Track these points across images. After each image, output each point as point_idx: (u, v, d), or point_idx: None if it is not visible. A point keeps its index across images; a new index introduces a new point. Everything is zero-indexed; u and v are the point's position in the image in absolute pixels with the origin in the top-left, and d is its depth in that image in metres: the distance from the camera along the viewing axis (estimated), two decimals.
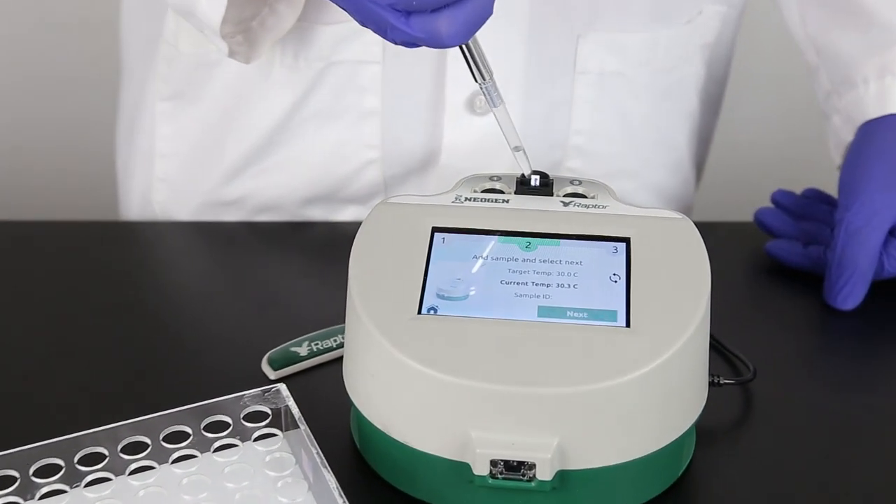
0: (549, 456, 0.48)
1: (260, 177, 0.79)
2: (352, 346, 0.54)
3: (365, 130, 0.77)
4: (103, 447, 0.53)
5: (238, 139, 0.79)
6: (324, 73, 0.75)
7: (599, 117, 0.78)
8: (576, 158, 0.79)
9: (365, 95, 0.76)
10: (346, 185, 0.79)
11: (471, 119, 0.76)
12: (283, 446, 0.55)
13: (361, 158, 0.78)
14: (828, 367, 0.65)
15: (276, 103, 0.77)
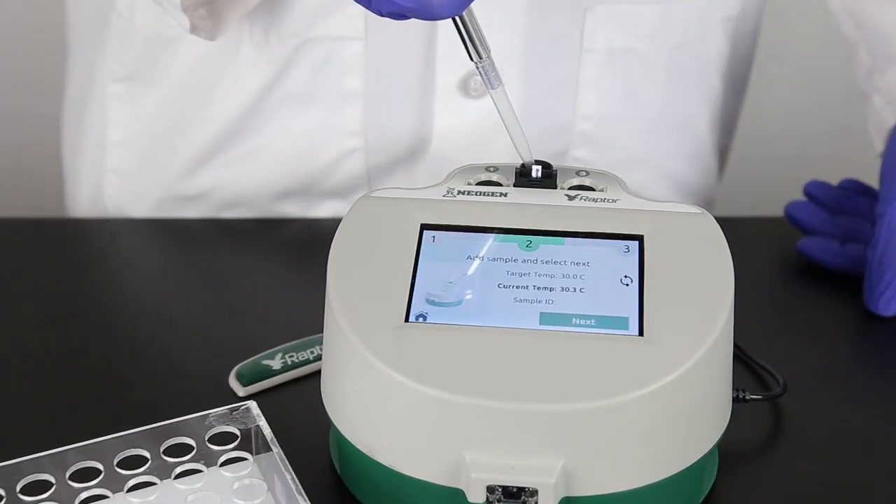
0: (552, 481, 0.49)
1: (226, 168, 0.80)
2: (331, 359, 0.55)
3: (346, 115, 0.77)
4: (49, 474, 0.53)
5: (201, 126, 0.79)
6: (299, 50, 0.76)
7: (608, 100, 0.79)
8: (582, 146, 0.80)
9: (345, 76, 0.76)
10: (325, 178, 0.80)
11: (464, 103, 0.76)
12: (254, 471, 0.56)
13: (341, 147, 0.78)
14: (867, 381, 0.66)
15: (244, 85, 0.77)
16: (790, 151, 1.18)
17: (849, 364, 0.67)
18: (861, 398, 0.64)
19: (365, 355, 0.51)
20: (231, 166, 0.80)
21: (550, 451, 0.49)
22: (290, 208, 0.81)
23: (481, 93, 0.76)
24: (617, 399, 0.49)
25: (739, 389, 0.59)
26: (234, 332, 0.67)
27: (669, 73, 0.80)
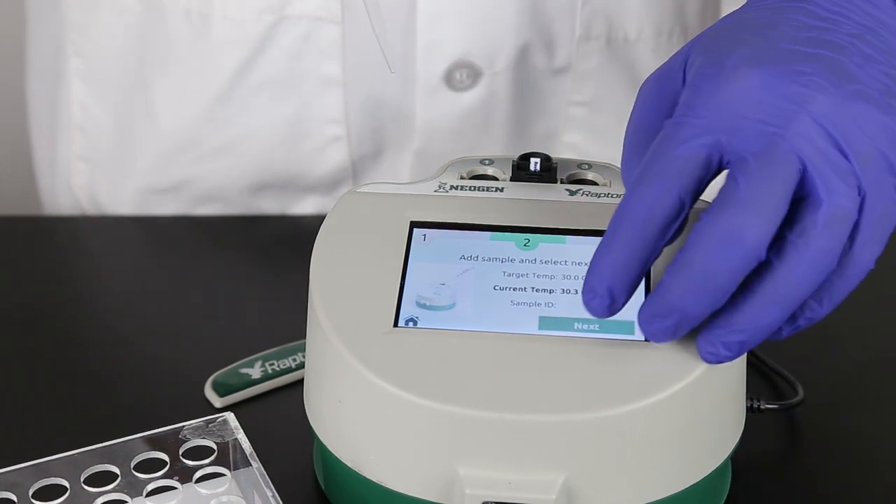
0: (553, 497, 0.49)
1: (201, 159, 0.80)
2: (314, 367, 0.54)
3: (326, 102, 0.78)
4: (10, 492, 0.53)
5: (172, 111, 0.79)
6: (275, 28, 0.76)
7: (605, 90, 0.79)
8: (575, 132, 0.80)
9: (324, 61, 0.76)
10: (306, 170, 0.80)
11: (450, 96, 0.76)
12: (232, 488, 0.56)
13: (324, 135, 0.79)
14: (890, 388, 0.66)
15: (217, 67, 0.77)
16: None
17: (871, 371, 0.67)
18: (884, 407, 0.64)
19: (351, 363, 0.51)
20: (206, 157, 0.80)
21: (550, 465, 0.49)
22: (269, 204, 0.81)
23: (467, 85, 0.76)
24: (622, 409, 0.49)
25: (754, 398, 0.59)
26: (210, 338, 0.67)
27: (659, 60, 0.80)
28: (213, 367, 0.64)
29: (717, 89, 0.49)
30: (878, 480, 0.58)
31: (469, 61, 0.76)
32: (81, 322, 0.69)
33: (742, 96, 0.48)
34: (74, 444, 0.54)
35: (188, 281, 0.73)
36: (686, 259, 0.47)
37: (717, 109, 0.48)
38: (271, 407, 0.62)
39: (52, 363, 0.65)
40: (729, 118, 0.48)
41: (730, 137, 0.48)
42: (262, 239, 0.78)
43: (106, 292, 0.71)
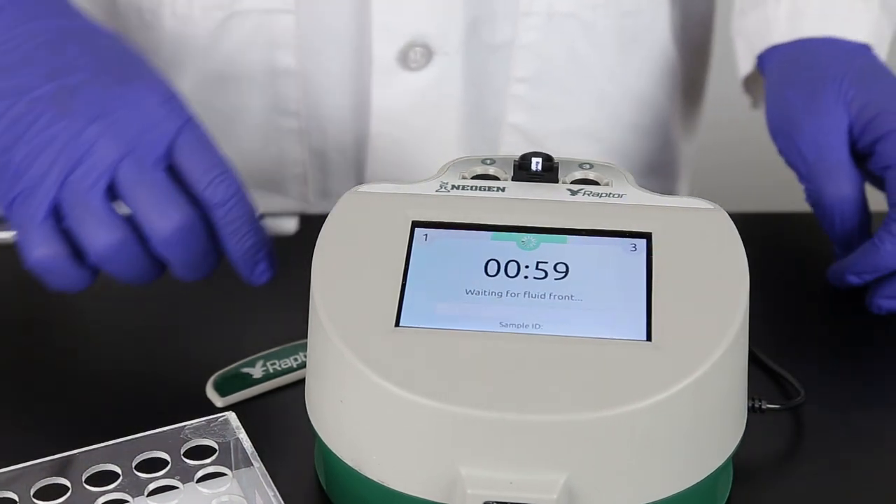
0: (554, 496, 0.49)
1: None
2: (316, 367, 0.55)
3: (280, 94, 0.78)
4: (11, 492, 0.53)
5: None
6: (226, 23, 0.76)
7: (547, 66, 0.80)
8: (519, 111, 0.81)
9: (277, 51, 0.77)
10: (263, 163, 0.80)
11: (405, 76, 0.77)
12: (233, 488, 0.56)
13: (279, 127, 0.79)
14: (893, 388, 0.66)
15: (168, 63, 0.77)
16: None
17: (873, 370, 0.67)
18: (887, 407, 0.64)
19: (352, 362, 0.51)
20: None
21: (552, 465, 0.49)
22: None
23: (422, 65, 0.77)
24: (623, 409, 0.49)
25: (755, 398, 0.59)
26: (212, 337, 0.68)
27: (620, 42, 0.81)
28: (215, 367, 0.64)
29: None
30: (878, 481, 0.58)
31: (423, 41, 0.76)
32: (82, 322, 0.70)
33: None
34: (76, 443, 0.55)
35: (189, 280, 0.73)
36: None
37: None
38: (273, 407, 0.62)
39: (54, 363, 0.66)
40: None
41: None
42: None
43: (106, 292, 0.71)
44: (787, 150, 0.72)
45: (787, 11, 0.77)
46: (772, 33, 0.78)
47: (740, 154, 0.89)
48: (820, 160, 0.70)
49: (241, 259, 0.61)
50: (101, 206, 0.57)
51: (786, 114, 0.73)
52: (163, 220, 0.58)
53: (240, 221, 0.60)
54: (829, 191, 0.69)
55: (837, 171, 0.70)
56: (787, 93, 0.73)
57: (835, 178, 0.69)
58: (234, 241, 0.60)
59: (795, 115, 0.72)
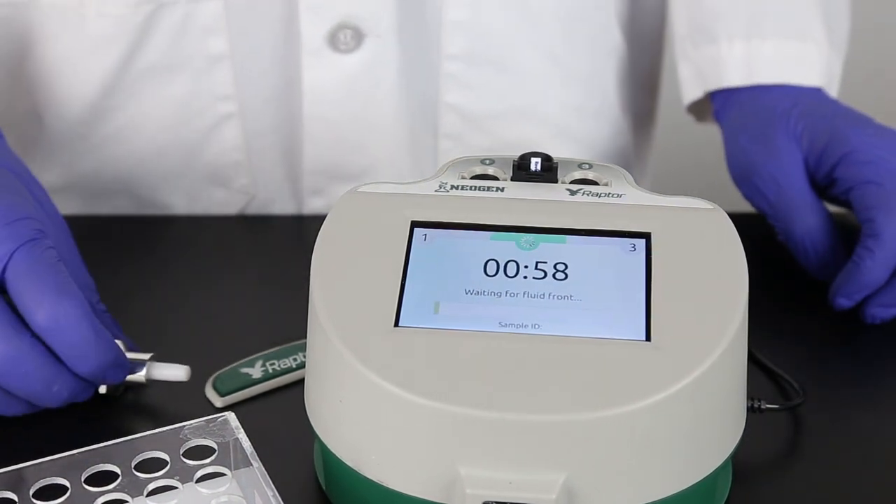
0: (553, 496, 0.49)
1: (94, 153, 0.80)
2: (315, 367, 0.55)
3: (215, 79, 0.78)
4: (10, 492, 0.53)
5: (55, 111, 0.79)
6: (153, 17, 0.76)
7: (481, 43, 0.80)
8: (454, 91, 0.81)
9: (208, 38, 0.77)
10: (201, 150, 0.80)
11: (334, 58, 0.77)
12: (233, 488, 0.56)
13: (215, 112, 0.79)
14: (892, 388, 0.66)
15: (98, 61, 0.77)
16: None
17: (872, 371, 0.67)
18: (886, 407, 0.64)
19: (351, 362, 0.51)
20: (97, 149, 0.80)
21: (551, 465, 0.50)
22: (174, 198, 0.82)
23: (351, 47, 0.77)
24: (622, 409, 0.49)
25: (754, 398, 0.59)
26: (211, 337, 0.68)
27: (560, 20, 0.81)
28: (214, 367, 0.64)
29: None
30: (878, 481, 0.59)
31: (352, 23, 0.77)
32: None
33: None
34: (75, 443, 0.55)
35: (189, 281, 0.73)
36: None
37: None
38: (272, 407, 0.62)
39: None
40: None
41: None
42: (262, 239, 0.79)
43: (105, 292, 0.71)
44: (751, 194, 0.74)
45: (741, 54, 0.79)
46: (725, 75, 0.79)
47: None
48: (781, 198, 0.72)
49: (86, 378, 0.59)
50: None
51: (743, 160, 0.75)
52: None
53: (76, 348, 0.57)
54: (796, 226, 0.71)
55: (800, 205, 0.71)
56: (741, 140, 0.75)
57: (799, 212, 0.71)
58: (73, 364, 0.58)
59: (752, 160, 0.74)
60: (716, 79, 0.80)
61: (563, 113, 0.84)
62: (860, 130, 0.71)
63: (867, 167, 0.69)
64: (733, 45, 0.79)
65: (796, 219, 0.71)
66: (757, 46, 0.78)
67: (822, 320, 0.70)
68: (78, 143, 0.80)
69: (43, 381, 0.57)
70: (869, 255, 0.68)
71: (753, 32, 0.78)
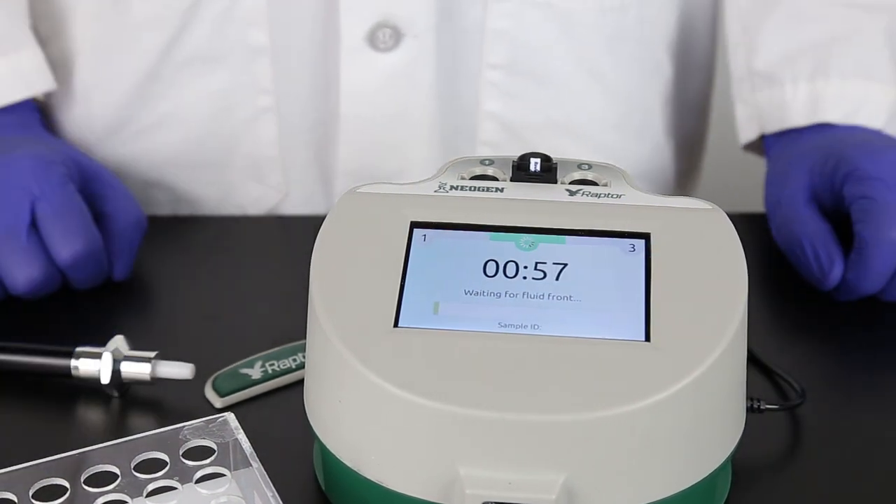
0: (553, 497, 0.49)
1: (136, 139, 0.81)
2: (315, 367, 0.55)
3: (254, 72, 0.79)
4: (10, 492, 0.53)
5: (102, 92, 0.80)
6: (197, 5, 0.77)
7: (522, 54, 0.80)
8: (494, 99, 0.81)
9: (250, 30, 0.78)
10: (237, 143, 0.81)
11: (373, 57, 0.77)
12: (232, 488, 0.56)
13: (254, 105, 0.80)
14: (892, 388, 0.66)
15: (142, 48, 0.78)
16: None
17: (872, 370, 0.67)
18: (886, 407, 0.64)
19: (351, 363, 0.51)
20: (138, 136, 0.81)
21: (551, 465, 0.50)
22: (209, 191, 0.83)
23: (390, 46, 0.77)
24: (622, 409, 0.50)
25: (754, 398, 0.59)
26: (210, 338, 0.68)
27: (603, 36, 0.81)
28: (214, 368, 0.64)
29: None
30: (878, 481, 0.59)
31: (391, 22, 0.77)
32: (81, 322, 0.70)
33: None
34: (75, 444, 0.55)
35: (188, 281, 0.73)
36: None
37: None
38: (271, 407, 0.62)
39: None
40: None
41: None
42: (262, 238, 0.79)
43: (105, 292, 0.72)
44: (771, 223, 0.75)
45: (806, 95, 0.78)
46: (789, 117, 0.79)
47: (739, 154, 0.89)
48: (783, 216, 0.73)
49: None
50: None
51: (767, 193, 0.76)
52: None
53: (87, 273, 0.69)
54: (795, 230, 0.71)
55: (798, 218, 0.71)
56: (770, 175, 0.77)
57: (797, 224, 0.71)
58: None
59: (770, 191, 0.76)
60: (777, 121, 0.80)
61: (601, 129, 0.84)
62: (865, 150, 0.71)
63: (865, 183, 0.69)
64: (798, 88, 0.79)
65: (795, 229, 0.71)
66: (822, 86, 0.78)
67: (822, 320, 0.70)
68: (120, 129, 0.81)
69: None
70: (852, 270, 0.69)
71: (819, 72, 0.78)
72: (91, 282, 0.70)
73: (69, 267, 0.68)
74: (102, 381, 0.62)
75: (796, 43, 0.79)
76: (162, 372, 0.62)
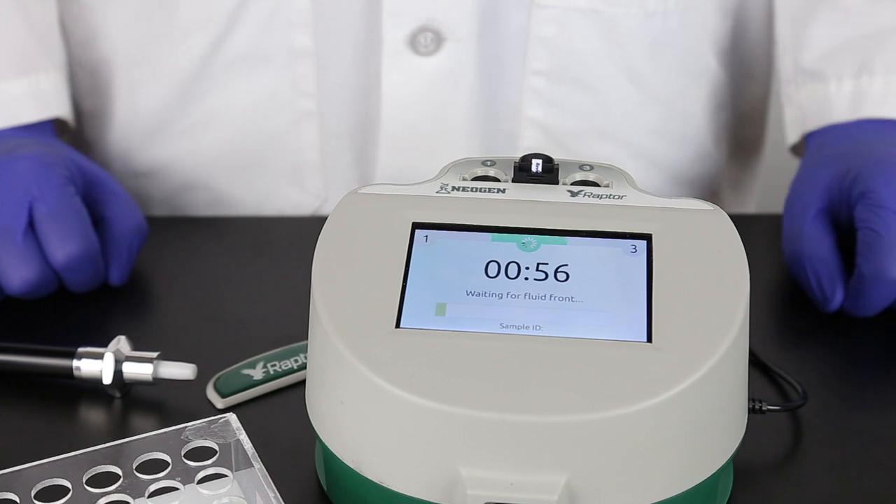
0: (555, 498, 0.49)
1: (179, 138, 0.82)
2: (316, 368, 0.55)
3: (298, 74, 0.79)
4: (12, 493, 0.53)
5: (148, 92, 0.81)
6: (243, 6, 0.77)
7: (566, 61, 0.80)
8: (537, 106, 0.81)
9: (294, 33, 0.78)
10: (284, 152, 0.81)
11: (414, 60, 0.78)
12: (234, 489, 0.56)
13: (296, 108, 0.80)
14: (893, 389, 0.66)
15: (188, 46, 0.79)
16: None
17: (873, 372, 0.67)
18: (887, 409, 0.64)
19: (353, 363, 0.51)
20: (184, 136, 0.81)
21: (552, 466, 0.50)
22: (248, 194, 0.83)
23: (431, 50, 0.77)
24: (624, 410, 0.50)
25: (756, 399, 0.59)
26: (212, 339, 0.68)
27: (646, 42, 0.81)
28: (215, 368, 0.64)
29: None
30: (878, 482, 0.59)
31: (433, 26, 0.77)
32: (82, 322, 0.70)
33: None
34: (76, 444, 0.55)
35: (189, 281, 0.74)
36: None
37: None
38: (273, 408, 0.62)
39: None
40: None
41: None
42: (263, 239, 0.79)
43: (107, 293, 0.72)
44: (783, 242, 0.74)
45: (850, 91, 0.77)
46: (831, 112, 0.78)
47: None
48: (793, 228, 0.71)
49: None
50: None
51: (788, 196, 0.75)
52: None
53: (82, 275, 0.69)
54: (802, 249, 0.70)
55: (804, 236, 0.70)
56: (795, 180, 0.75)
57: (805, 242, 0.70)
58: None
59: (789, 195, 0.74)
60: (819, 117, 0.78)
61: (642, 134, 0.84)
62: (885, 167, 0.69)
63: (876, 212, 0.67)
64: (842, 84, 0.78)
65: (801, 247, 0.70)
66: (866, 82, 0.77)
67: (824, 322, 0.70)
68: (165, 127, 0.82)
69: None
70: (849, 300, 0.68)
71: (864, 69, 0.77)
72: (87, 285, 0.70)
73: (64, 269, 0.67)
74: (104, 382, 0.62)
75: (841, 39, 0.78)
76: (164, 372, 0.62)
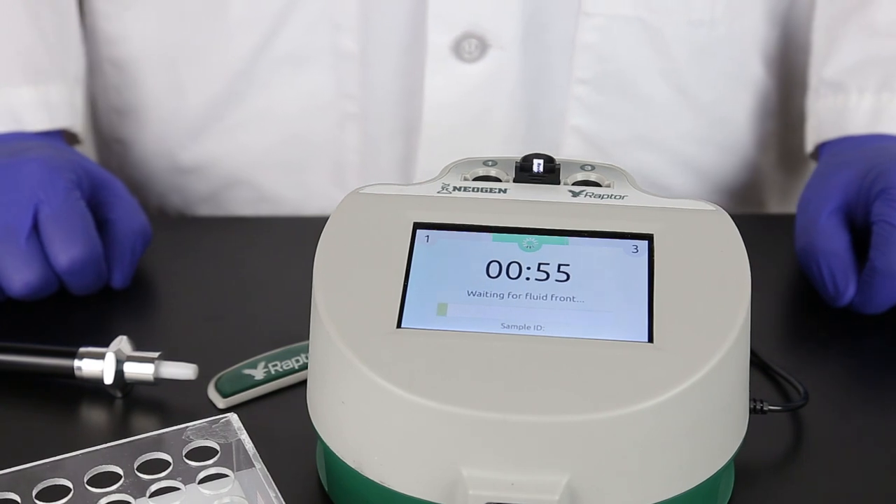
0: (556, 498, 0.49)
1: (224, 136, 0.82)
2: (318, 368, 0.55)
3: (342, 76, 0.79)
4: (13, 493, 0.53)
5: (195, 88, 0.81)
6: (291, 6, 0.78)
7: (610, 69, 0.80)
8: (580, 115, 0.81)
9: (340, 35, 0.78)
10: (326, 152, 0.81)
11: (458, 66, 0.78)
12: (235, 489, 0.56)
13: (340, 110, 0.80)
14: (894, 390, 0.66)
15: (236, 44, 0.79)
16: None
17: (875, 372, 0.67)
18: (888, 409, 0.64)
19: (354, 363, 0.51)
20: (229, 134, 0.82)
21: (554, 466, 0.50)
22: (288, 191, 0.83)
23: (475, 56, 0.77)
24: (625, 410, 0.50)
25: (757, 400, 0.59)
26: (213, 339, 0.68)
27: (692, 50, 0.81)
28: (217, 369, 0.64)
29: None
30: (880, 482, 0.59)
31: (478, 33, 0.77)
32: (82, 322, 0.70)
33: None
34: (78, 444, 0.55)
35: (190, 281, 0.74)
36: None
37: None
38: (274, 408, 0.62)
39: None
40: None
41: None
42: (264, 239, 0.79)
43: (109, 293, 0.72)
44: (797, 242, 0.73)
45: (870, 106, 0.77)
46: (847, 124, 0.78)
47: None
48: (806, 225, 0.71)
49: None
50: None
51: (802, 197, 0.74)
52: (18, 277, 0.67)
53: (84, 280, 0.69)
54: (816, 245, 0.69)
55: (819, 231, 0.70)
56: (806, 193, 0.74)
57: (819, 238, 0.70)
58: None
59: (804, 195, 0.74)
60: (835, 127, 0.78)
61: (686, 143, 0.84)
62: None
63: (893, 206, 0.67)
64: (863, 98, 0.78)
65: (815, 242, 0.70)
66: (887, 99, 0.77)
67: (825, 322, 0.70)
68: (213, 124, 0.82)
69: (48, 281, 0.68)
70: (859, 294, 0.68)
71: (886, 85, 0.77)
72: (89, 289, 0.70)
73: (67, 273, 0.67)
74: (106, 382, 0.62)
75: (867, 55, 0.78)
76: (165, 372, 0.62)
